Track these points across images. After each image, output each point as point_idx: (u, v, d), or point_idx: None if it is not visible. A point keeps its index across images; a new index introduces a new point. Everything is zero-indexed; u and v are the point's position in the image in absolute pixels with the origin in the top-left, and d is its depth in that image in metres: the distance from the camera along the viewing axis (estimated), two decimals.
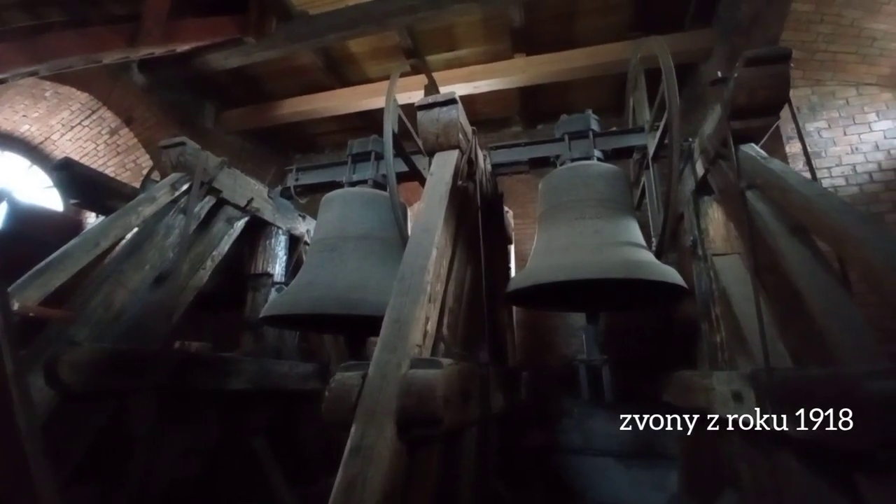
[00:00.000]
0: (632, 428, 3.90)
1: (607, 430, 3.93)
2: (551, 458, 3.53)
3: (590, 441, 3.92)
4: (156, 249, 2.47)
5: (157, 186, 2.58)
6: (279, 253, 3.47)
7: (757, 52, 1.77)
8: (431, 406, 1.23)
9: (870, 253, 1.16)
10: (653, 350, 3.68)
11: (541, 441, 3.60)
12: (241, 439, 2.96)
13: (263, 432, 3.05)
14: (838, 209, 1.34)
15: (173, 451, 2.59)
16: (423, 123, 2.20)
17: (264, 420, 3.09)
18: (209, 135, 5.16)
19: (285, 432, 3.28)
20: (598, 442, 3.94)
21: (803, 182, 1.55)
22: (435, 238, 1.74)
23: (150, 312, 2.40)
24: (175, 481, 2.57)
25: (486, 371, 1.89)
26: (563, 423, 3.83)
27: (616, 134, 2.83)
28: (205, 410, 2.82)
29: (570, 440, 3.76)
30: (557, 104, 3.78)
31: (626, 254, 2.18)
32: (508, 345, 3.55)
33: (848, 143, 2.77)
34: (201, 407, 2.78)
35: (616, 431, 3.97)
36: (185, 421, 2.68)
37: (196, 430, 2.78)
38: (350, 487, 1.12)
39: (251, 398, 2.95)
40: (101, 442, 2.12)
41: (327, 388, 1.40)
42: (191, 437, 2.75)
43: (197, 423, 2.78)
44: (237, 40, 3.87)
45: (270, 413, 3.14)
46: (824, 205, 1.38)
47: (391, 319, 1.49)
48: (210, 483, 2.76)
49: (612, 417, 3.89)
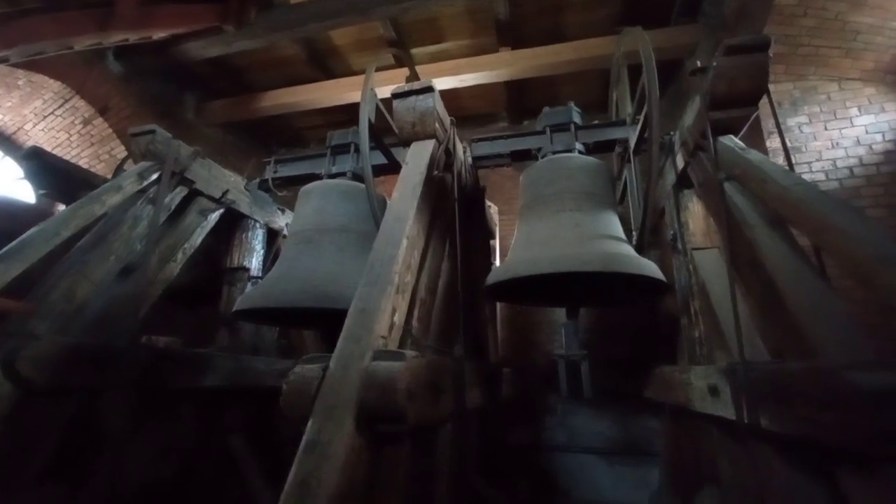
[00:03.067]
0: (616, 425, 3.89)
1: (591, 428, 3.92)
2: (536, 455, 3.50)
3: (574, 438, 3.90)
4: (122, 240, 2.38)
5: (124, 175, 2.49)
6: (256, 246, 3.39)
7: (737, 40, 1.74)
8: (394, 399, 1.18)
9: (855, 244, 1.12)
10: (638, 346, 3.66)
11: (525, 438, 3.57)
12: (217, 438, 2.88)
13: (241, 430, 2.98)
14: (817, 199, 1.31)
15: (146, 450, 2.51)
16: (399, 111, 2.14)
17: (241, 418, 3.01)
18: (190, 126, 5.04)
19: (264, 430, 3.21)
20: (581, 439, 3.92)
21: (781, 172, 1.52)
22: (406, 228, 1.69)
23: (116, 305, 2.31)
24: (149, 481, 2.49)
25: (461, 365, 1.84)
26: (547, 421, 3.80)
27: (598, 127, 2.80)
28: (179, 408, 2.74)
29: (554, 437, 3.73)
30: (544, 99, 3.74)
31: (605, 247, 2.15)
32: (490, 340, 3.50)
33: (829, 138, 2.76)
34: (175, 404, 2.69)
35: (600, 428, 3.96)
36: (158, 419, 2.59)
37: (170, 428, 2.69)
38: (303, 486, 1.06)
39: (227, 395, 2.87)
40: (70, 440, 2.04)
41: (285, 380, 1.34)
42: (164, 436, 2.66)
43: (171, 421, 2.70)
44: (216, 28, 3.77)
45: (248, 411, 3.06)
46: (802, 194, 1.35)
47: (356, 309, 1.43)
48: (186, 483, 2.68)
49: (595, 414, 3.87)
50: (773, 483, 1.50)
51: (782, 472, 1.44)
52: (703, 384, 1.89)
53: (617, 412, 3.74)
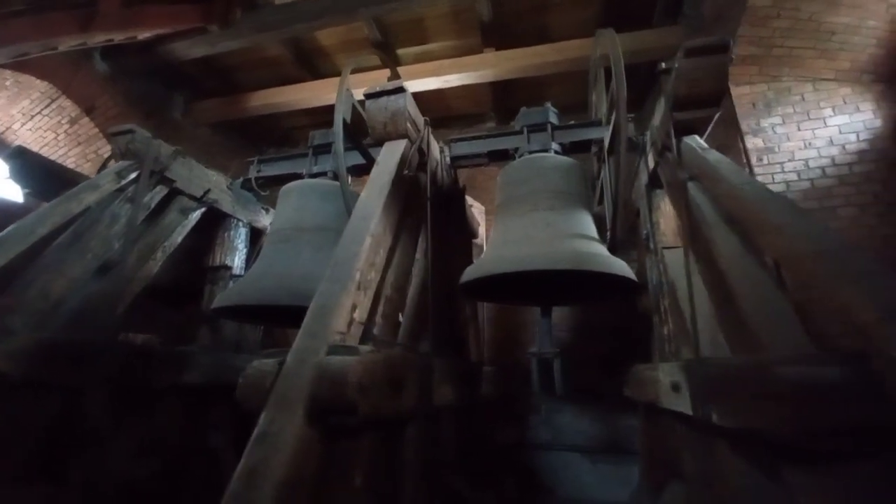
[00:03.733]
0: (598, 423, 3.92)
1: (575, 426, 3.94)
2: (521, 454, 3.53)
3: (558, 437, 3.93)
4: (99, 238, 2.40)
5: (102, 174, 2.51)
6: (238, 245, 3.41)
7: (697, 42, 1.77)
8: (344, 392, 1.20)
9: (790, 240, 1.15)
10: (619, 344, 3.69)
11: (511, 437, 3.60)
12: (202, 435, 2.90)
13: (226, 427, 2.99)
14: (762, 197, 1.34)
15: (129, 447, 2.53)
16: (372, 111, 2.17)
17: (228, 415, 3.03)
18: (178, 126, 5.06)
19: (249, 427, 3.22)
20: (566, 438, 3.94)
21: (734, 171, 1.55)
22: (371, 226, 1.71)
23: (93, 303, 2.34)
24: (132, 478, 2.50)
25: (428, 362, 1.86)
26: (531, 419, 3.83)
27: (574, 127, 2.83)
28: (162, 405, 2.75)
29: (539, 436, 3.76)
30: (530, 99, 3.76)
31: (576, 246, 2.18)
32: (472, 339, 3.53)
33: (801, 139, 2.80)
34: (158, 401, 2.71)
35: (583, 427, 3.99)
36: (141, 416, 2.61)
37: (154, 425, 2.71)
38: (251, 475, 1.09)
39: (213, 393, 2.89)
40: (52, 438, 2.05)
41: (242, 374, 1.37)
42: (148, 433, 2.68)
43: (154, 419, 2.71)
44: (201, 29, 3.80)
45: (234, 408, 3.07)
46: (749, 193, 1.38)
47: (316, 305, 1.46)
48: (170, 480, 2.70)
49: (579, 413, 3.90)
50: (730, 479, 1.53)
51: (736, 467, 1.47)
52: (667, 381, 1.92)
53: (600, 410, 3.77)
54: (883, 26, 2.76)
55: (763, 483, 1.31)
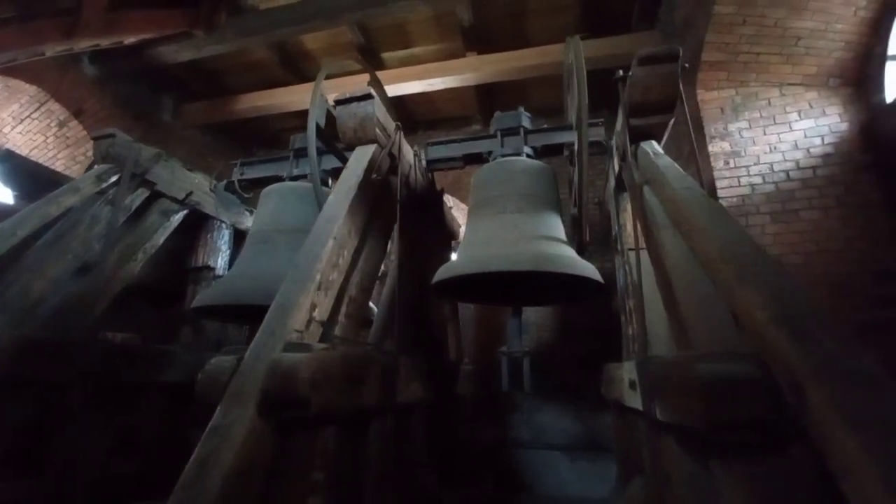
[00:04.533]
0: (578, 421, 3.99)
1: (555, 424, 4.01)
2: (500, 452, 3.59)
3: (537, 435, 3.99)
4: (79, 240, 2.46)
5: (82, 178, 2.58)
6: (221, 246, 3.47)
7: (648, 51, 1.84)
8: (295, 388, 1.26)
9: (708, 243, 1.22)
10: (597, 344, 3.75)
11: (490, 435, 3.66)
12: (181, 432, 2.95)
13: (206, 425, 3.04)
14: (696, 202, 1.41)
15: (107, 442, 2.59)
16: (342, 117, 2.23)
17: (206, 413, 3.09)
18: (167, 128, 5.11)
19: None
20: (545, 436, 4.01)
21: (678, 177, 1.62)
22: (334, 229, 1.78)
23: (73, 302, 2.40)
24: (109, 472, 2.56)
25: (393, 360, 1.92)
26: (511, 418, 3.89)
27: (546, 131, 2.90)
28: (140, 402, 2.81)
29: (519, 434, 3.82)
30: (515, 102, 3.82)
31: (540, 248, 2.24)
32: (451, 337, 3.60)
33: (767, 143, 2.86)
34: (136, 399, 2.77)
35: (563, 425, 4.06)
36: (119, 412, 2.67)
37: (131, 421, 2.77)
38: (202, 465, 1.15)
39: (191, 390, 2.94)
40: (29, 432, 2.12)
41: (201, 370, 1.43)
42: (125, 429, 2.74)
43: (132, 415, 2.77)
44: (187, 33, 3.86)
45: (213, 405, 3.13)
46: (685, 198, 1.45)
47: (277, 305, 1.52)
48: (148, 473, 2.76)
49: (558, 411, 3.97)
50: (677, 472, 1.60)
51: (683, 462, 1.54)
52: (627, 379, 2.00)
53: (581, 409, 3.83)
54: (851, 29, 2.83)
55: (699, 474, 1.38)
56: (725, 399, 0.93)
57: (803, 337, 0.75)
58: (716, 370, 1.00)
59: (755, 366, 0.94)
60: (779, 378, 0.80)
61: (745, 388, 0.85)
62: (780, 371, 0.79)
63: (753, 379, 0.85)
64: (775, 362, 0.82)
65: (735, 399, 0.86)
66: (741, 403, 0.85)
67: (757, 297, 0.90)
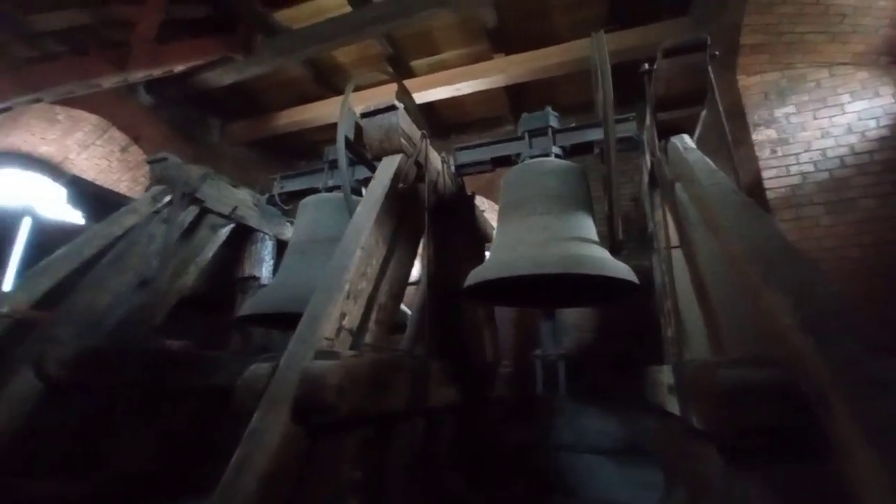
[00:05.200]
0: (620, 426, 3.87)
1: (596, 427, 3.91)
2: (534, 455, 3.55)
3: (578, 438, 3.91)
4: (139, 257, 2.68)
5: (140, 199, 2.80)
6: (265, 257, 3.66)
7: (673, 43, 1.77)
8: (322, 394, 1.32)
9: (735, 242, 1.17)
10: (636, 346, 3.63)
11: (524, 438, 3.63)
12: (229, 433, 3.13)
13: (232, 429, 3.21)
14: (724, 199, 1.35)
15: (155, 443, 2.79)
16: (368, 130, 2.30)
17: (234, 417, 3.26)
18: (215, 147, 5.47)
19: None
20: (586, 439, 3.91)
21: (708, 172, 1.55)
22: (361, 239, 1.84)
23: (133, 314, 2.62)
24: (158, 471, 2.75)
25: (424, 364, 1.96)
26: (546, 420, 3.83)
27: (575, 129, 2.84)
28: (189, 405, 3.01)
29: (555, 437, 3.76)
30: (545, 100, 3.76)
31: (569, 249, 2.20)
32: (486, 341, 3.59)
33: (818, 127, 2.65)
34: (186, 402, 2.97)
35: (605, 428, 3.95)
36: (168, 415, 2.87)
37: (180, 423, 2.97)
38: (240, 468, 1.23)
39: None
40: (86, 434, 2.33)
41: (240, 378, 1.53)
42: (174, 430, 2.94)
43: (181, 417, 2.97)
44: (228, 58, 4.11)
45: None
46: (713, 194, 1.39)
47: (308, 314, 1.60)
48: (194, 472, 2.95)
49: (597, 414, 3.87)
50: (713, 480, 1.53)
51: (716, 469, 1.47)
52: (666, 383, 1.93)
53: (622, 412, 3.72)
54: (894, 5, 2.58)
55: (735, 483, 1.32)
56: (747, 406, 0.89)
57: (829, 344, 0.70)
58: (738, 376, 0.95)
59: (780, 373, 0.89)
60: (804, 386, 0.76)
61: (767, 395, 0.81)
62: (805, 379, 0.75)
63: (776, 386, 0.81)
64: (800, 369, 0.77)
65: (757, 406, 0.82)
66: (763, 411, 0.81)
67: (783, 300, 0.85)
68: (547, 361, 2.49)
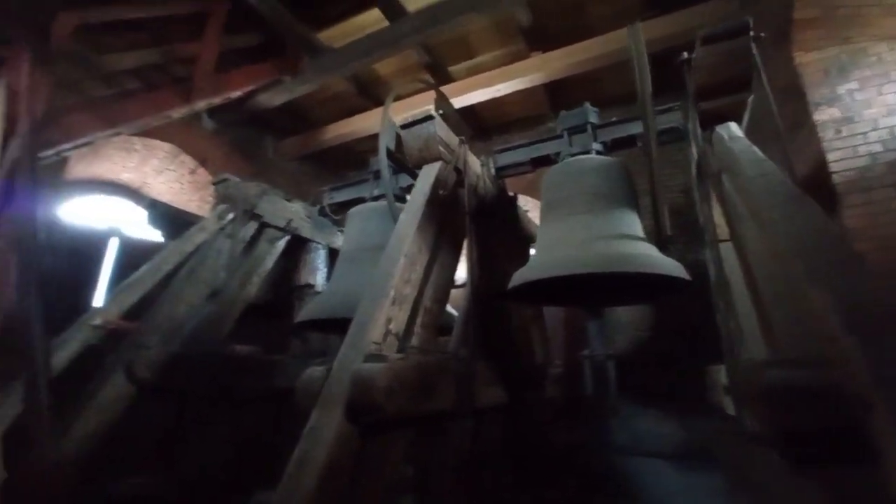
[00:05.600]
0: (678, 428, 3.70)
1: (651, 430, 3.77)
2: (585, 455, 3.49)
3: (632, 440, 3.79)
4: (208, 270, 2.95)
5: (207, 218, 3.08)
6: (319, 265, 3.87)
7: (712, 30, 1.71)
8: (371, 396, 1.41)
9: (780, 236, 1.13)
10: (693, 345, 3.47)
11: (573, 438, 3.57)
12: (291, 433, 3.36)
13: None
14: (770, 191, 1.30)
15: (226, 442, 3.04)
16: (407, 141, 2.39)
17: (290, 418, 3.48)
18: (270, 164, 5.85)
19: None
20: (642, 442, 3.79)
21: (754, 162, 1.49)
22: (405, 247, 1.92)
23: (206, 323, 2.88)
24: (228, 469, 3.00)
25: (468, 366, 2.01)
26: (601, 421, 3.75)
27: (615, 124, 2.78)
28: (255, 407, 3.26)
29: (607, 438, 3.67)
30: (586, 94, 3.70)
31: (612, 247, 2.17)
32: (535, 341, 3.57)
33: (884, 104, 2.39)
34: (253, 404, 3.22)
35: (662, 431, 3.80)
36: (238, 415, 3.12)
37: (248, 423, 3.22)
38: (301, 464, 1.35)
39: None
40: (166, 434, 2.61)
41: (298, 380, 1.66)
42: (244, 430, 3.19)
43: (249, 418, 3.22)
44: (277, 81, 4.40)
45: None
46: (759, 186, 1.34)
47: (357, 321, 1.70)
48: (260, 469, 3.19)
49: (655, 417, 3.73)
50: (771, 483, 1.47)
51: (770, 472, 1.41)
52: (723, 383, 1.86)
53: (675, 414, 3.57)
54: None
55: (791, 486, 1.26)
56: (791, 407, 0.86)
57: (873, 345, 0.67)
58: (781, 377, 0.92)
59: (825, 374, 0.86)
60: (848, 388, 0.73)
61: (813, 396, 0.78)
62: (849, 381, 0.72)
63: (821, 387, 0.78)
64: (844, 371, 0.74)
65: (802, 408, 0.80)
66: (808, 413, 0.78)
67: (828, 297, 0.82)
68: (596, 361, 2.45)
